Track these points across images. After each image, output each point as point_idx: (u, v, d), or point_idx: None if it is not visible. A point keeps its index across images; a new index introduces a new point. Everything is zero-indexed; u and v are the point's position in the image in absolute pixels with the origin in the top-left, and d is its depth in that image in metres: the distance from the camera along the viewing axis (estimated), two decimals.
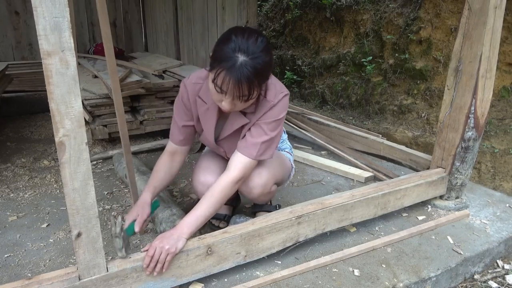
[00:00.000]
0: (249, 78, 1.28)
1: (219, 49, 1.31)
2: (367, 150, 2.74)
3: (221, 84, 1.30)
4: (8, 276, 1.60)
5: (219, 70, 1.28)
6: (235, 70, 1.26)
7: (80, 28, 5.12)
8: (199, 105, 1.56)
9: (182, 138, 1.64)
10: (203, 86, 1.53)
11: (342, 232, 1.89)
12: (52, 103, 1.03)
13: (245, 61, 1.27)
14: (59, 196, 2.30)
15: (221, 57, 1.29)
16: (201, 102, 1.55)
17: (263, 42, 1.31)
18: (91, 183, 1.14)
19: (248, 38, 1.29)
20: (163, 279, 1.39)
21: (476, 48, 1.81)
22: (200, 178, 1.69)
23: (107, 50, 1.51)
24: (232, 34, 1.31)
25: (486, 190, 2.38)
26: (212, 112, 1.55)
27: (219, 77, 1.29)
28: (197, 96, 1.55)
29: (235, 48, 1.28)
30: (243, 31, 1.32)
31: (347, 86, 4.63)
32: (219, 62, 1.29)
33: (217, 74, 1.29)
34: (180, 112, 1.61)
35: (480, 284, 1.78)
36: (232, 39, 1.29)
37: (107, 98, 2.99)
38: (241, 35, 1.30)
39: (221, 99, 1.36)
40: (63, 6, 0.97)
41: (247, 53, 1.27)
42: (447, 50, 3.77)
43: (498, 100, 3.42)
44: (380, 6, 4.47)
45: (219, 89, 1.32)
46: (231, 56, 1.27)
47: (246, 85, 1.29)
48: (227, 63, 1.27)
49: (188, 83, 1.56)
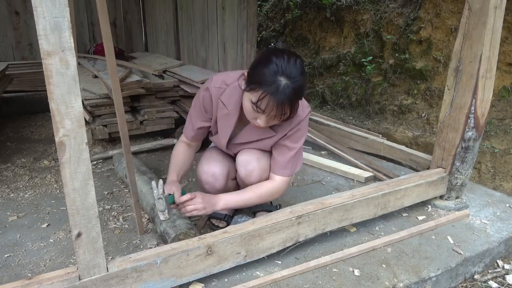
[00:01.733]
0: (291, 100, 1.34)
1: (259, 72, 1.35)
2: (367, 150, 2.74)
3: (265, 107, 1.35)
4: (8, 276, 1.60)
5: (262, 94, 1.33)
6: (278, 94, 1.32)
7: (80, 28, 5.12)
8: (220, 108, 1.59)
9: (194, 135, 1.72)
10: (226, 91, 1.56)
11: (342, 232, 1.89)
12: (52, 103, 1.03)
13: (287, 85, 1.32)
14: (59, 196, 2.30)
15: (263, 80, 1.33)
16: (222, 105, 1.58)
17: (300, 64, 1.37)
18: (91, 183, 1.14)
19: (288, 61, 1.33)
20: (163, 279, 1.39)
21: (476, 48, 1.81)
22: (204, 168, 1.72)
23: (107, 50, 1.51)
24: (272, 56, 1.35)
25: (486, 190, 2.38)
26: (232, 118, 1.59)
27: (263, 100, 1.34)
28: (219, 99, 1.58)
29: (277, 71, 1.32)
30: (282, 53, 1.36)
31: (347, 86, 4.63)
32: (260, 85, 1.33)
33: (260, 97, 1.34)
34: (198, 113, 1.66)
35: (480, 284, 1.78)
36: (273, 61, 1.33)
37: (107, 98, 2.99)
38: (282, 58, 1.34)
39: (257, 117, 1.42)
40: (63, 6, 0.97)
41: (289, 77, 1.32)
42: (447, 50, 3.77)
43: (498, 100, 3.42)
44: (380, 6, 4.47)
45: (261, 110, 1.37)
46: (273, 80, 1.32)
47: (288, 107, 1.36)
48: (270, 87, 1.32)
49: (212, 87, 1.58)
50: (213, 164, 1.72)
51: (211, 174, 1.70)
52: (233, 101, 1.55)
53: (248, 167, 1.66)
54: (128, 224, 1.99)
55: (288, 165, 1.62)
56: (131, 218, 2.04)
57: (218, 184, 1.72)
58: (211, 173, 1.70)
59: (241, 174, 1.70)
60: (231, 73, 1.60)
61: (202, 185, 1.75)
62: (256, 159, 1.66)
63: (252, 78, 1.38)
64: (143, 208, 2.02)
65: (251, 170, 1.66)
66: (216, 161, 1.74)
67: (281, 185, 1.65)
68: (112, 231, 1.92)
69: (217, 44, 3.82)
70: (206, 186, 1.73)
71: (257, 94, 1.35)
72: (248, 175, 1.67)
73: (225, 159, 1.77)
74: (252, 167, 1.66)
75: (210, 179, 1.71)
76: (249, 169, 1.66)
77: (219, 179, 1.71)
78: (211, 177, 1.70)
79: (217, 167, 1.71)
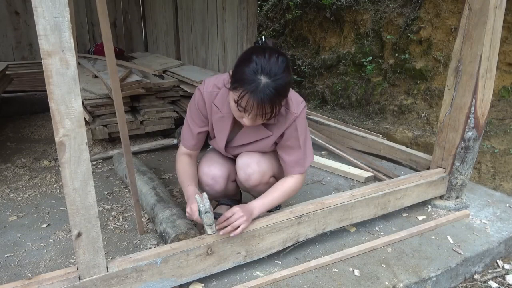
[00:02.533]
0: (271, 99, 1.31)
1: (240, 71, 1.34)
2: (367, 150, 2.74)
3: (245, 106, 1.34)
4: (8, 276, 1.60)
5: (242, 92, 1.32)
6: (258, 92, 1.30)
7: (80, 28, 5.12)
8: (214, 112, 1.59)
9: (194, 143, 1.67)
10: (219, 94, 1.55)
11: (342, 232, 1.89)
12: (52, 103, 1.03)
13: (267, 83, 1.30)
14: (59, 196, 2.30)
15: (243, 79, 1.32)
16: (216, 109, 1.57)
17: (283, 62, 1.33)
18: (91, 183, 1.14)
19: (269, 59, 1.31)
20: (163, 279, 1.39)
21: (476, 48, 1.81)
22: (204, 170, 1.71)
23: (107, 50, 1.51)
24: (252, 55, 1.33)
25: (486, 190, 2.38)
26: (227, 121, 1.58)
27: (243, 99, 1.32)
28: (213, 103, 1.57)
29: (256, 70, 1.30)
30: (263, 51, 1.33)
31: (347, 86, 4.63)
32: (241, 84, 1.32)
33: (240, 96, 1.32)
34: (195, 119, 1.63)
35: (480, 284, 1.78)
36: (253, 59, 1.31)
37: (107, 98, 2.99)
38: (262, 56, 1.32)
39: (243, 116, 1.41)
40: (63, 6, 0.97)
41: (269, 75, 1.30)
42: (447, 50, 3.76)
43: (498, 100, 3.42)
44: (380, 6, 4.47)
45: (242, 109, 1.36)
46: (253, 79, 1.30)
47: (269, 106, 1.33)
48: (250, 86, 1.30)
49: (205, 91, 1.57)
50: (214, 166, 1.71)
51: (211, 177, 1.69)
52: (226, 104, 1.53)
53: (248, 171, 1.65)
54: (128, 224, 1.99)
55: (298, 162, 1.61)
56: (131, 218, 2.04)
57: (218, 186, 1.72)
58: (211, 175, 1.69)
59: (240, 177, 1.69)
60: (222, 76, 1.58)
61: (202, 187, 1.74)
62: (256, 162, 1.65)
63: (234, 77, 1.37)
64: (143, 208, 2.02)
65: (250, 174, 1.64)
66: (217, 163, 1.73)
67: (300, 181, 1.65)
68: (112, 231, 1.92)
69: (217, 44, 3.82)
70: (206, 188, 1.72)
71: (237, 92, 1.33)
72: (247, 178, 1.66)
73: (225, 161, 1.76)
74: (252, 170, 1.64)
75: (210, 181, 1.70)
76: (248, 173, 1.65)
77: (219, 182, 1.71)
78: (211, 180, 1.69)
79: (217, 169, 1.70)
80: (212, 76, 1.64)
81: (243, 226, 1.44)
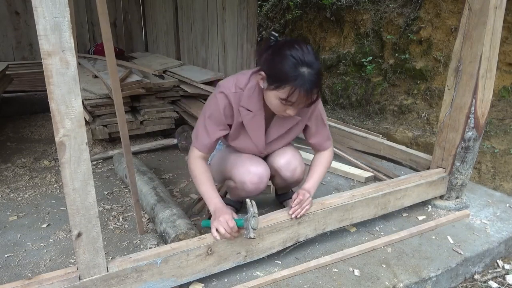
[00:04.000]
0: (317, 85, 1.40)
1: (279, 69, 1.38)
2: (367, 150, 2.74)
3: (295, 99, 1.40)
4: (8, 276, 1.60)
5: (291, 89, 1.37)
6: (305, 84, 1.36)
7: (80, 28, 5.12)
8: (243, 115, 1.59)
9: (210, 147, 1.64)
10: (244, 95, 1.56)
11: (342, 232, 1.89)
12: (52, 103, 1.03)
13: (310, 73, 1.36)
14: (59, 196, 2.30)
15: (286, 77, 1.37)
16: (245, 111, 1.58)
17: (312, 49, 1.41)
18: (91, 183, 1.14)
19: (302, 50, 1.37)
20: (163, 279, 1.39)
21: (476, 48, 1.81)
22: (250, 169, 1.68)
23: (107, 50, 1.51)
24: (285, 50, 1.38)
25: (486, 190, 2.38)
26: (260, 118, 1.61)
27: (293, 95, 1.38)
28: (240, 107, 1.57)
29: (297, 63, 1.36)
30: (292, 44, 1.39)
31: (347, 86, 4.63)
32: (285, 81, 1.37)
33: (290, 93, 1.38)
34: (216, 122, 1.60)
35: (480, 284, 1.78)
36: (288, 54, 1.37)
37: (107, 98, 2.99)
38: (294, 49, 1.37)
39: (286, 109, 1.46)
40: (63, 6, 0.97)
41: (308, 65, 1.36)
42: (447, 50, 3.76)
43: (498, 100, 3.42)
44: (380, 6, 4.47)
45: (290, 103, 1.42)
46: (297, 74, 1.35)
47: (315, 92, 1.41)
48: (296, 81, 1.35)
49: (229, 93, 1.56)
50: (260, 165, 1.70)
51: (258, 176, 1.67)
52: (254, 102, 1.56)
53: (291, 167, 1.75)
54: (128, 224, 1.99)
55: (328, 137, 1.76)
56: (131, 218, 2.04)
57: (263, 185, 1.71)
58: (259, 175, 1.67)
59: (286, 175, 1.77)
60: (239, 76, 1.59)
61: (245, 186, 1.69)
62: (293, 158, 1.76)
63: (274, 76, 1.41)
64: (143, 208, 2.02)
65: (294, 169, 1.75)
66: (261, 163, 1.72)
67: (332, 152, 1.81)
68: (112, 231, 1.92)
69: (217, 44, 3.82)
70: (251, 187, 1.68)
71: (285, 90, 1.38)
72: (292, 175, 1.77)
73: (263, 161, 1.76)
74: (294, 166, 1.75)
75: (257, 180, 1.68)
76: (291, 169, 1.75)
77: (264, 181, 1.71)
78: (258, 179, 1.67)
79: (263, 169, 1.70)
80: (227, 78, 1.64)
81: (308, 207, 1.60)
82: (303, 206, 1.59)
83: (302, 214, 1.59)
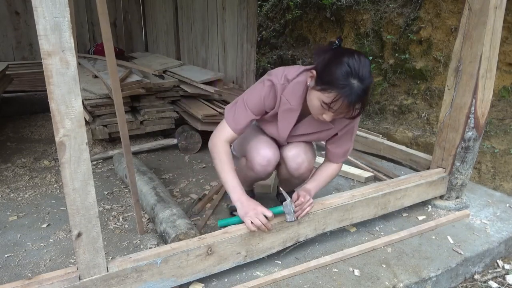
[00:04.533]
0: (362, 101, 1.39)
1: (331, 72, 1.38)
2: (367, 150, 2.74)
3: (337, 108, 1.40)
4: (8, 276, 1.60)
5: (336, 97, 1.37)
6: (351, 96, 1.36)
7: (80, 28, 5.12)
8: (282, 103, 1.62)
9: (243, 128, 1.65)
10: (288, 87, 1.59)
11: (342, 232, 1.89)
12: (52, 103, 1.03)
13: (359, 87, 1.36)
14: (59, 196, 2.30)
15: (336, 83, 1.36)
16: (285, 101, 1.61)
17: (369, 65, 1.40)
18: (91, 183, 1.14)
19: (360, 62, 1.36)
20: (163, 279, 1.39)
21: (476, 48, 1.81)
22: (261, 151, 1.71)
23: (107, 50, 1.51)
24: (344, 57, 1.37)
25: (486, 190, 2.38)
26: (294, 113, 1.64)
27: (336, 102, 1.38)
28: (282, 95, 1.61)
29: (350, 73, 1.35)
30: (352, 54, 1.38)
31: None
32: (333, 87, 1.37)
33: (334, 100, 1.38)
34: (255, 106, 1.63)
35: (480, 284, 1.78)
36: (345, 62, 1.36)
37: (107, 98, 2.99)
38: (353, 59, 1.37)
39: (324, 113, 1.46)
40: (63, 6, 0.97)
41: (360, 79, 1.35)
42: (447, 50, 3.76)
43: (498, 100, 3.42)
44: (380, 6, 4.47)
45: (330, 109, 1.42)
46: (346, 83, 1.35)
47: (358, 106, 1.41)
48: (344, 90, 1.35)
49: (277, 83, 1.60)
50: (271, 149, 1.73)
51: (267, 159, 1.71)
52: (296, 97, 1.59)
53: (298, 160, 1.74)
54: (128, 224, 1.99)
55: (344, 155, 1.76)
56: (131, 218, 2.04)
57: (271, 168, 1.75)
58: (268, 158, 1.71)
59: (291, 167, 1.76)
60: (290, 69, 1.63)
61: (254, 166, 1.72)
62: (304, 152, 1.74)
63: (324, 78, 1.41)
64: (143, 208, 2.02)
65: (300, 163, 1.74)
66: (273, 147, 1.75)
67: (339, 169, 1.81)
68: (112, 231, 1.92)
69: (217, 44, 3.82)
70: (258, 168, 1.72)
71: (329, 95, 1.39)
72: (297, 168, 1.75)
73: (276, 146, 1.79)
74: (302, 159, 1.74)
75: (265, 163, 1.71)
76: (298, 162, 1.74)
77: (272, 164, 1.74)
78: (266, 161, 1.71)
79: (272, 153, 1.73)
80: (280, 68, 1.67)
81: (309, 209, 1.61)
82: (304, 208, 1.59)
83: (302, 216, 1.60)
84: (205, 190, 2.41)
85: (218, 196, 2.25)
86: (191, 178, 2.58)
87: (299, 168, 1.76)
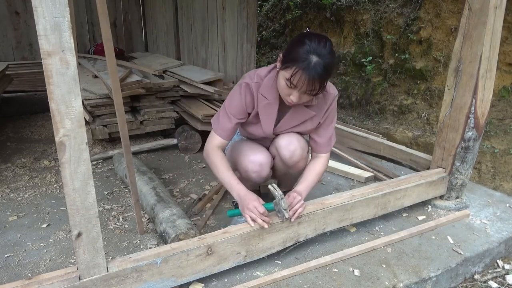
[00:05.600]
0: (320, 76, 1.46)
1: (293, 51, 1.49)
2: (367, 150, 2.74)
3: (296, 82, 1.47)
4: (8, 276, 1.60)
5: (295, 70, 1.46)
6: (310, 69, 1.44)
7: (80, 28, 5.12)
8: (260, 100, 1.68)
9: (229, 133, 1.73)
10: (263, 84, 1.67)
11: (342, 232, 1.89)
12: (52, 103, 1.03)
13: (317, 61, 1.44)
14: (59, 196, 2.30)
15: (296, 58, 1.46)
16: (262, 97, 1.68)
17: (330, 46, 1.50)
18: (91, 183, 1.14)
19: (319, 42, 1.47)
20: (163, 279, 1.39)
21: (476, 48, 1.81)
22: (250, 157, 1.75)
23: (107, 50, 1.51)
24: (305, 38, 1.49)
25: (486, 190, 2.38)
26: (273, 106, 1.70)
27: (295, 76, 1.46)
28: (258, 93, 1.68)
29: (309, 50, 1.45)
30: (313, 36, 1.49)
31: (347, 86, 4.63)
32: (294, 62, 1.46)
33: (293, 73, 1.46)
34: (236, 110, 1.70)
35: (480, 284, 1.78)
36: (306, 42, 1.47)
37: (107, 98, 2.99)
38: (313, 39, 1.47)
39: (290, 93, 1.53)
40: (63, 6, 0.97)
41: (319, 55, 1.45)
42: (447, 50, 3.77)
43: (498, 100, 3.42)
44: (380, 6, 4.47)
45: (293, 86, 1.49)
46: (305, 58, 1.45)
47: (317, 82, 1.47)
48: (302, 63, 1.44)
49: (251, 82, 1.68)
50: (260, 153, 1.77)
51: (259, 163, 1.74)
52: (271, 91, 1.66)
53: (291, 147, 1.75)
54: (128, 224, 1.99)
55: (329, 143, 1.80)
56: (131, 218, 2.04)
57: (265, 172, 1.77)
58: (258, 162, 1.74)
59: (284, 156, 1.76)
60: (262, 68, 1.72)
61: (248, 175, 1.76)
62: (296, 140, 1.77)
63: (287, 57, 1.50)
64: (143, 208, 2.02)
65: (293, 150, 1.75)
66: (262, 151, 1.79)
67: (327, 159, 1.83)
68: (112, 231, 1.93)
69: (217, 44, 3.82)
70: (253, 175, 1.76)
71: (290, 70, 1.47)
72: (291, 155, 1.76)
73: (265, 149, 1.84)
74: (295, 146, 1.75)
75: (258, 168, 1.74)
76: (291, 149, 1.75)
77: (265, 168, 1.76)
78: (259, 166, 1.74)
79: (263, 156, 1.76)
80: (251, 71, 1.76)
81: (300, 210, 1.60)
82: (295, 209, 1.59)
83: (295, 217, 1.59)
84: (205, 190, 2.41)
85: (218, 196, 2.25)
86: (191, 178, 2.58)
87: (293, 156, 1.77)
